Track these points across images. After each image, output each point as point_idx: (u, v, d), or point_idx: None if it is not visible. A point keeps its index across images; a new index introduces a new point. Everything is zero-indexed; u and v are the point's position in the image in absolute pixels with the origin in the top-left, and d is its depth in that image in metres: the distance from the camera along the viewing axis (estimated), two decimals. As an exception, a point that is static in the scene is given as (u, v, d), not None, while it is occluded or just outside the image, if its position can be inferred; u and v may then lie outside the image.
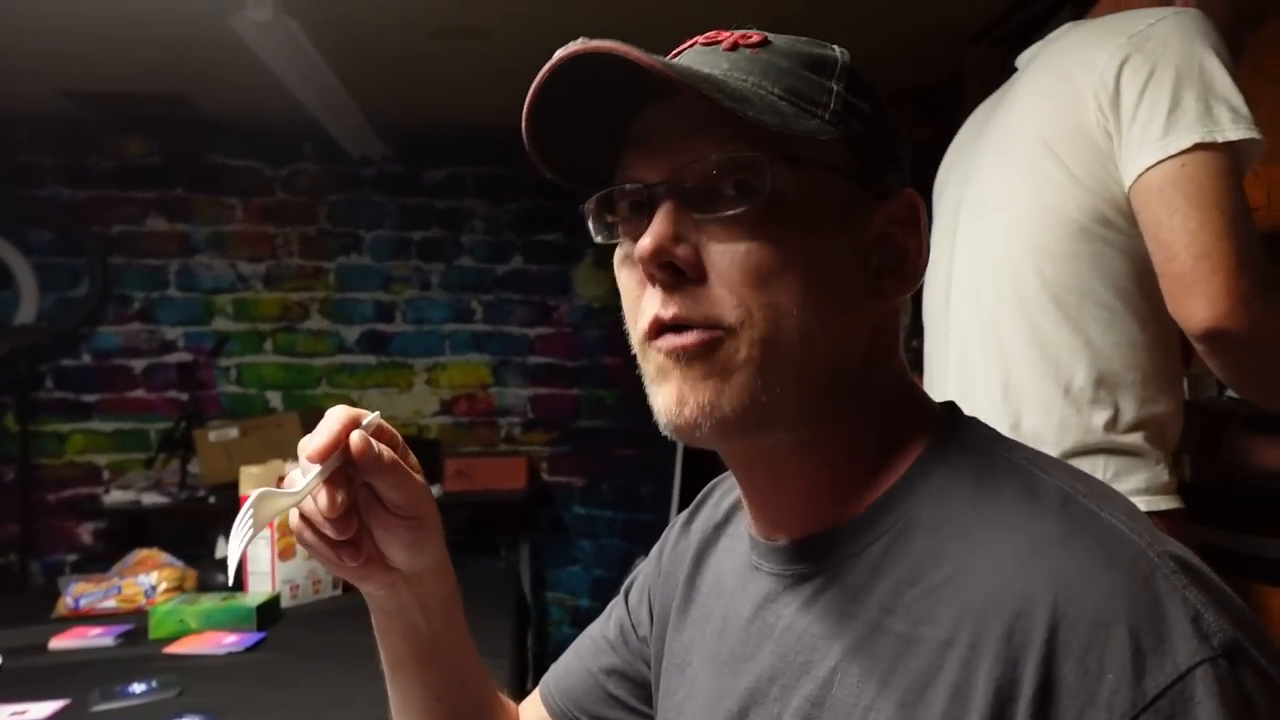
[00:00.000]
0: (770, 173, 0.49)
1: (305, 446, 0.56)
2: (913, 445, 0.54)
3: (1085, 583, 0.43)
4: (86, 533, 3.50)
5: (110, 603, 1.76)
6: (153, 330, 3.57)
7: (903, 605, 0.48)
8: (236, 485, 1.83)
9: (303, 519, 0.58)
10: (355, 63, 2.75)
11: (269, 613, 1.65)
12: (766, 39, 0.54)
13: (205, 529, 3.00)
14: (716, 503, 0.71)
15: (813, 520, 0.55)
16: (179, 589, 1.82)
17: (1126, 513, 0.47)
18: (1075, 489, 0.48)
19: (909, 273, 0.55)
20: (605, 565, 3.78)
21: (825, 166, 0.51)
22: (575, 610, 3.78)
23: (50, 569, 3.43)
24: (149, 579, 1.80)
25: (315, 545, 0.59)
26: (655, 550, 0.75)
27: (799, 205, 0.50)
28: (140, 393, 3.55)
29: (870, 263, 0.53)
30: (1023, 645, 0.43)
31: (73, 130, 3.47)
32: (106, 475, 3.51)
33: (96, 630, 1.58)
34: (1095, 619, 0.42)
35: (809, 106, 0.51)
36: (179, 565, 1.90)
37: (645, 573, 0.76)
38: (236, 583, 1.83)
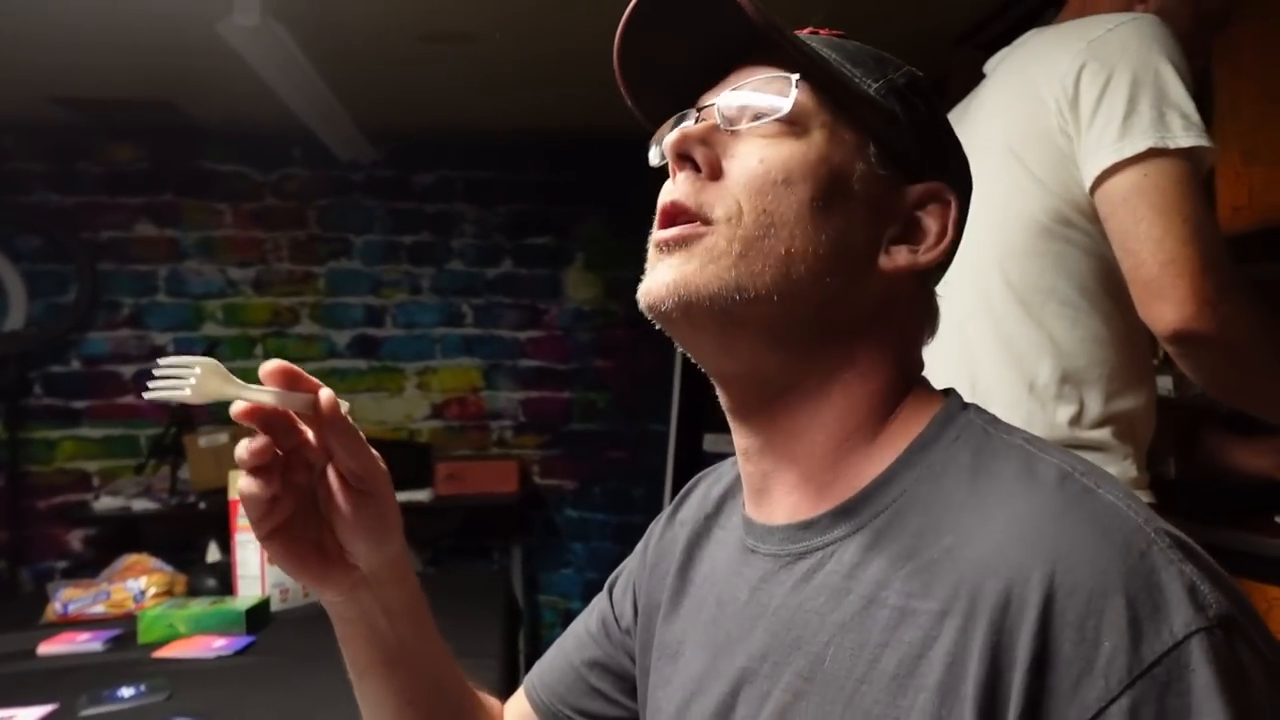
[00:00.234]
0: (796, 90, 0.53)
1: (269, 363, 0.56)
2: (912, 426, 0.55)
3: (1082, 554, 0.43)
4: (76, 539, 3.48)
5: (99, 608, 1.75)
6: (142, 336, 3.56)
7: (898, 579, 0.49)
8: (227, 491, 1.83)
9: (248, 455, 0.56)
10: (343, 67, 2.75)
11: (258, 616, 1.65)
12: (843, 34, 0.60)
13: (196, 535, 2.99)
14: (705, 494, 0.71)
15: (811, 499, 0.56)
16: (168, 593, 1.81)
17: (1123, 492, 0.48)
18: (1073, 468, 0.49)
19: (924, 252, 0.56)
20: (597, 568, 3.78)
21: (861, 123, 0.55)
22: (568, 613, 3.78)
23: (40, 576, 3.41)
24: (138, 584, 1.79)
25: (250, 491, 0.56)
26: (640, 546, 0.76)
27: (822, 141, 0.54)
28: (130, 399, 3.53)
29: (886, 229, 0.56)
30: (1019, 615, 0.43)
31: (61, 136, 3.46)
32: (96, 482, 3.50)
33: (85, 635, 1.58)
34: (1092, 589, 0.42)
35: (861, 76, 0.56)
36: (168, 570, 1.90)
37: (629, 568, 0.76)
38: (226, 587, 1.83)
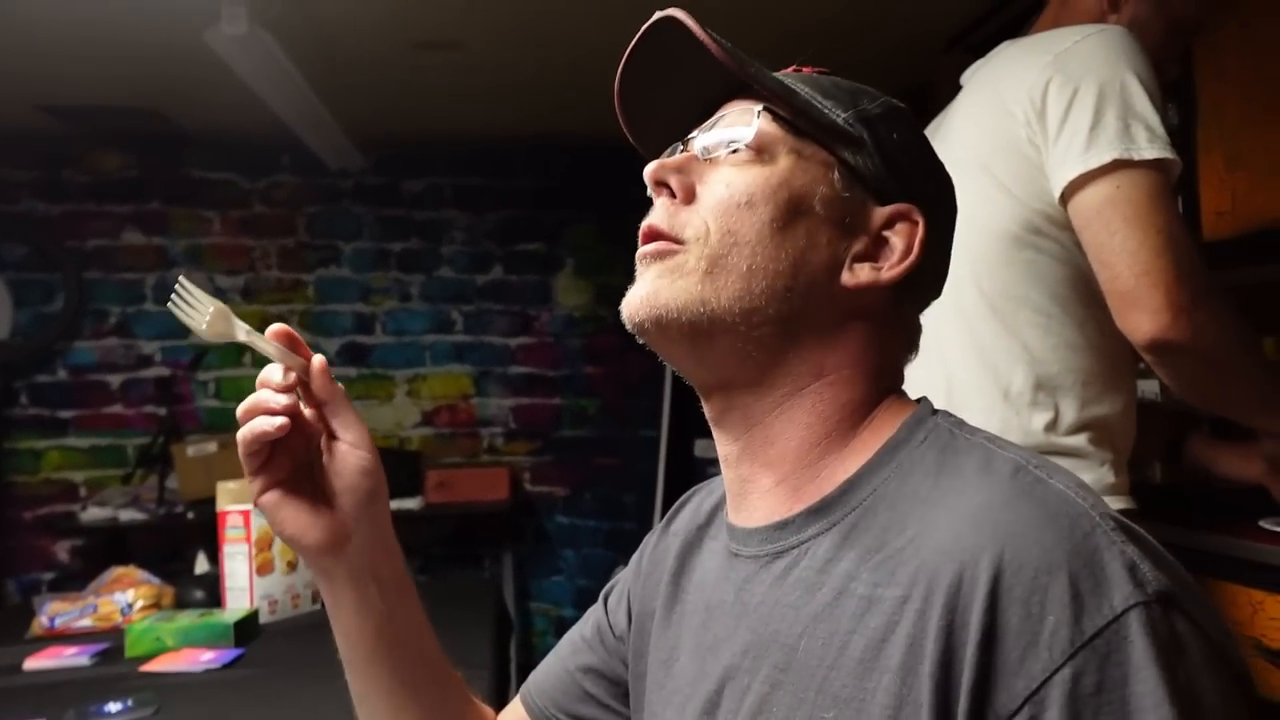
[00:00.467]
0: (759, 120, 0.59)
1: (274, 325, 0.67)
2: (884, 431, 0.58)
3: (1029, 537, 0.46)
4: (63, 550, 3.46)
5: (86, 621, 1.74)
6: (129, 345, 3.54)
7: (866, 570, 0.52)
8: (215, 501, 1.82)
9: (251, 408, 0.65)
10: (332, 75, 2.75)
11: (247, 629, 1.64)
12: (826, 71, 0.64)
13: (184, 545, 2.98)
14: (697, 506, 0.74)
15: (787, 501, 0.59)
16: (156, 606, 1.80)
17: (1074, 482, 0.51)
18: (1028, 461, 0.52)
19: (888, 269, 0.59)
20: (589, 575, 3.78)
21: (828, 151, 0.59)
22: (559, 620, 3.77)
23: (26, 588, 3.39)
24: (125, 596, 1.78)
25: (247, 439, 0.64)
26: (635, 556, 0.79)
27: (787, 167, 0.58)
28: (117, 408, 3.52)
29: (851, 246, 0.59)
30: (970, 593, 0.46)
31: (47, 144, 3.44)
32: (83, 492, 3.47)
33: (72, 649, 1.57)
34: (1038, 566, 0.45)
35: (831, 107, 0.60)
36: (155, 582, 1.88)
37: (624, 578, 0.79)
38: (214, 599, 1.82)
